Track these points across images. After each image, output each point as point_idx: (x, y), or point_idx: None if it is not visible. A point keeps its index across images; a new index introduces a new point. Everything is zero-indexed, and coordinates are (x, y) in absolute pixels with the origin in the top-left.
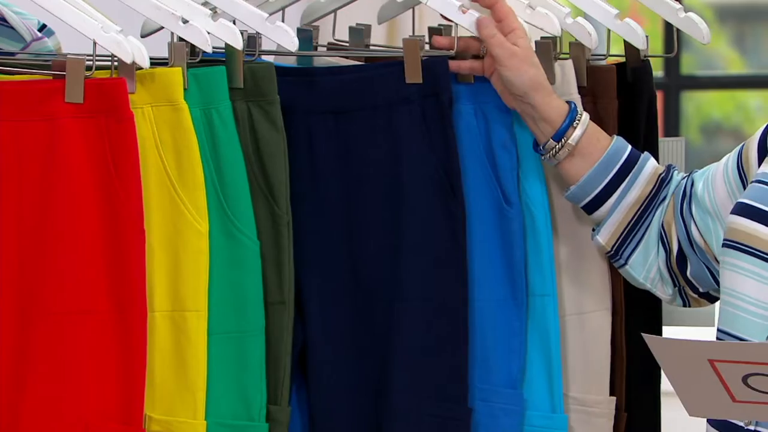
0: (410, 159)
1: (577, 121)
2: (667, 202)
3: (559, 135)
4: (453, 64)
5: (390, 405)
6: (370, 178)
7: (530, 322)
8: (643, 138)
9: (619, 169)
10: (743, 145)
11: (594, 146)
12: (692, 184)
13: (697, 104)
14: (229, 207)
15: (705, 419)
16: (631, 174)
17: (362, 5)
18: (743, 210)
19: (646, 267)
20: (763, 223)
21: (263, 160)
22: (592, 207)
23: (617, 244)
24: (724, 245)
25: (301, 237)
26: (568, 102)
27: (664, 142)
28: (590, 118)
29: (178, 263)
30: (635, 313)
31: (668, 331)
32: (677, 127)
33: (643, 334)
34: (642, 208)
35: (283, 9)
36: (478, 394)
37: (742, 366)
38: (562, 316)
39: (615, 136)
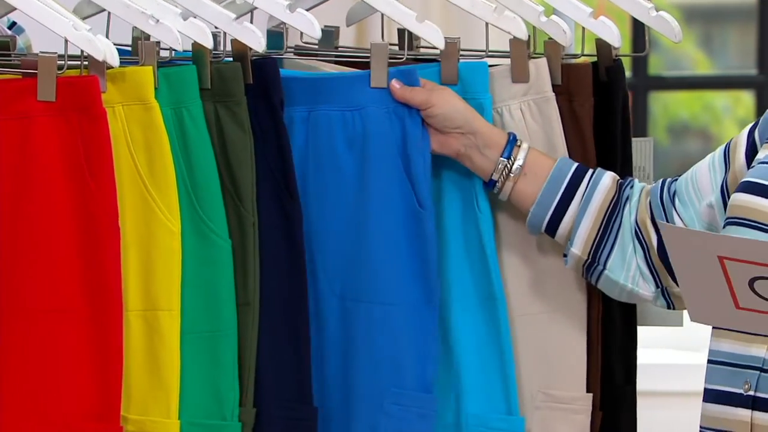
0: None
1: (519, 140)
2: (635, 198)
3: (508, 153)
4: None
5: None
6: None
7: (484, 325)
8: (620, 136)
9: (571, 178)
10: (731, 141)
11: (540, 165)
12: (672, 182)
13: (664, 105)
14: (201, 206)
15: (699, 415)
16: (588, 181)
17: (332, 7)
18: (747, 187)
19: (625, 266)
20: (766, 197)
21: (230, 161)
22: (554, 222)
23: (593, 250)
24: (727, 223)
25: None
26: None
27: (633, 142)
28: (566, 117)
29: (151, 262)
30: (611, 312)
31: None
32: (645, 128)
33: (658, 221)
34: (609, 210)
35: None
36: (392, 397)
37: (750, 267)
38: (535, 313)
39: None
